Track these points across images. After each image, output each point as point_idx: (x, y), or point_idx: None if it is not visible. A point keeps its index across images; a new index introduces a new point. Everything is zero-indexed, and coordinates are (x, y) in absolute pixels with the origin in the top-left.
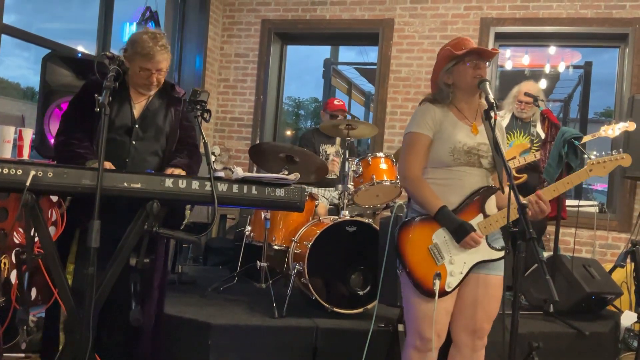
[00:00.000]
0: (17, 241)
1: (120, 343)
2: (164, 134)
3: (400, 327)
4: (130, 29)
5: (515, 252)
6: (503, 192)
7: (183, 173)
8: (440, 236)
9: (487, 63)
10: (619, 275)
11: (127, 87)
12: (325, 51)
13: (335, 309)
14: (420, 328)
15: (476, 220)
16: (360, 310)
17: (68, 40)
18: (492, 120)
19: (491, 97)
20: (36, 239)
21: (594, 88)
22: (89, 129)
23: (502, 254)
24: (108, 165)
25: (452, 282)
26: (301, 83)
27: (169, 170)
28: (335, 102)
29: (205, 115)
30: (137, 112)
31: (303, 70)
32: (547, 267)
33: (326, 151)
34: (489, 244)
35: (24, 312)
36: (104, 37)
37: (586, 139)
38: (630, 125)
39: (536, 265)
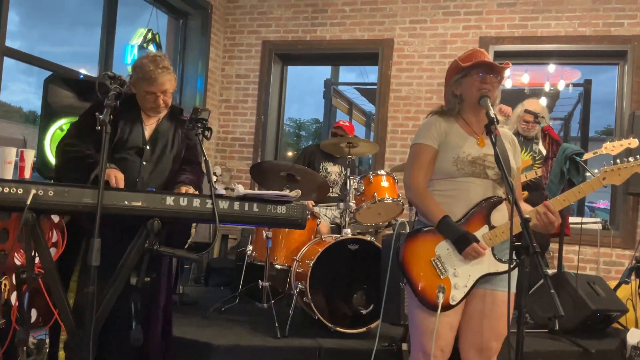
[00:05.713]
0: (17, 262)
1: None
2: (171, 155)
3: (404, 347)
4: (132, 52)
5: (519, 267)
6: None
7: (191, 190)
8: (444, 248)
9: (497, 77)
10: (624, 293)
11: (139, 108)
12: (325, 72)
13: (338, 329)
14: (423, 343)
15: (481, 232)
16: (364, 329)
17: (71, 64)
18: (493, 136)
19: (491, 112)
20: (37, 260)
21: (594, 107)
22: (95, 141)
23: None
24: (120, 178)
25: (456, 295)
26: (302, 105)
27: (182, 189)
28: (341, 122)
29: (207, 133)
30: (147, 133)
31: (304, 92)
32: (551, 282)
33: (327, 169)
34: (495, 256)
35: (24, 332)
36: (106, 60)
37: (587, 156)
38: (633, 142)
39: (540, 282)
